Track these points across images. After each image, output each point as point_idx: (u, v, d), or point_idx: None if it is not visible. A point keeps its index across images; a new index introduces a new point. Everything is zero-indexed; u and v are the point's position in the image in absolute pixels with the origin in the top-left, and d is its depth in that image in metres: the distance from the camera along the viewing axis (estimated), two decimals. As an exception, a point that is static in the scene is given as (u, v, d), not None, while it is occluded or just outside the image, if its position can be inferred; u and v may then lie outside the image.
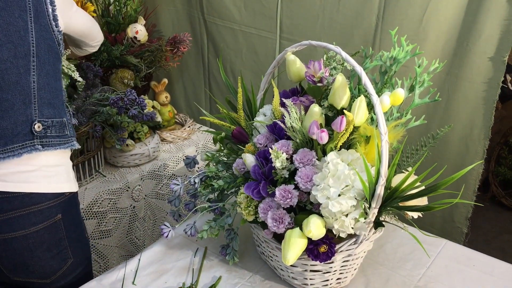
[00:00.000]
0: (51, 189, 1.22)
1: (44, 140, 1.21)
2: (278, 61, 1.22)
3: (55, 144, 1.23)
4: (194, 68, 2.41)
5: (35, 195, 1.19)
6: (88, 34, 1.48)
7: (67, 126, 1.27)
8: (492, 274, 1.21)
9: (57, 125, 1.24)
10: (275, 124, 1.12)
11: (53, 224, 1.24)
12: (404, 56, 1.15)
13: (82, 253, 1.35)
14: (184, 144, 2.08)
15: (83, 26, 1.43)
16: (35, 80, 1.18)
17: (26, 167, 1.19)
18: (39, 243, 1.22)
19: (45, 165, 1.22)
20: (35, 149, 1.19)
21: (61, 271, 1.29)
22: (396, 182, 0.99)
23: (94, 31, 1.50)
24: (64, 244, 1.27)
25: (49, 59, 1.21)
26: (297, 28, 1.90)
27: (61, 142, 1.25)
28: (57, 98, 1.25)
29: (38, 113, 1.19)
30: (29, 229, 1.20)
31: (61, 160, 1.27)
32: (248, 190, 1.07)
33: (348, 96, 1.07)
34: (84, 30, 1.44)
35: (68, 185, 1.27)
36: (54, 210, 1.23)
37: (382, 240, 1.32)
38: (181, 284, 1.17)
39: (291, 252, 0.99)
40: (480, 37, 1.48)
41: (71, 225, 1.29)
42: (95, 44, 1.55)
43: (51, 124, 1.22)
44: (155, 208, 1.95)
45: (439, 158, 1.66)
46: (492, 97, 1.53)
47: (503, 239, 2.62)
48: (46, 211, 1.22)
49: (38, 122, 1.19)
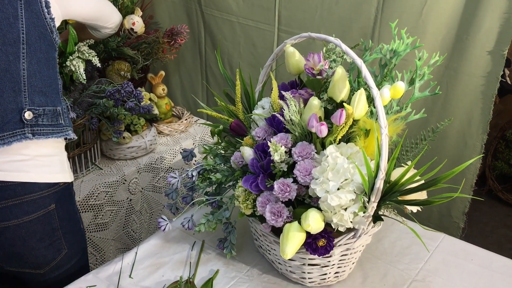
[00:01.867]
0: (44, 179, 1.21)
1: (35, 129, 1.19)
2: (277, 54, 1.21)
3: (47, 133, 1.21)
4: (191, 61, 2.39)
5: (28, 184, 1.18)
6: (99, 18, 1.45)
7: (62, 115, 1.25)
8: (490, 268, 1.21)
9: (50, 113, 1.22)
10: (274, 117, 1.11)
11: (46, 214, 1.23)
12: (404, 49, 1.14)
13: (77, 244, 1.35)
14: (181, 137, 2.07)
15: (90, 11, 1.40)
16: (25, 68, 1.16)
17: (19, 156, 1.18)
18: (32, 233, 1.22)
19: (38, 154, 1.21)
20: (25, 137, 1.17)
21: (54, 261, 1.28)
22: (396, 176, 0.99)
23: (105, 13, 1.47)
24: (58, 234, 1.27)
25: (40, 47, 1.19)
26: (295, 20, 1.89)
27: (54, 131, 1.23)
28: (50, 86, 1.22)
29: (28, 101, 1.18)
30: (22, 218, 1.19)
31: (55, 150, 1.26)
32: (246, 183, 1.06)
33: (348, 89, 1.07)
34: (91, 14, 1.41)
35: (62, 175, 1.26)
36: (47, 200, 1.22)
37: (380, 234, 1.32)
38: (178, 278, 1.17)
39: (289, 246, 0.99)
40: (479, 31, 1.47)
41: (65, 216, 1.29)
42: (110, 26, 1.51)
43: (42, 112, 1.20)
44: (152, 201, 1.95)
45: (437, 153, 1.65)
46: (491, 91, 1.53)
47: (499, 233, 2.63)
48: (40, 200, 1.21)
49: (28, 110, 1.17)
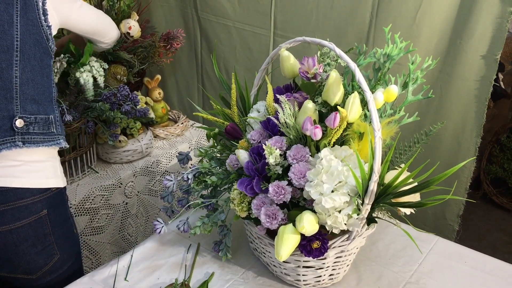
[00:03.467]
0: (36, 184, 1.21)
1: (26, 137, 1.18)
2: (272, 57, 1.22)
3: (37, 141, 1.20)
4: (187, 65, 2.40)
5: (20, 190, 1.18)
6: (96, 32, 1.44)
7: (54, 123, 1.25)
8: (483, 271, 1.22)
9: (41, 121, 1.21)
10: (269, 120, 1.12)
11: (38, 220, 1.23)
12: (397, 53, 1.15)
13: (69, 249, 1.34)
14: (177, 140, 2.08)
15: (88, 23, 1.39)
16: (18, 75, 1.16)
17: (10, 162, 1.18)
18: (24, 238, 1.21)
19: (30, 160, 1.20)
20: (15, 145, 1.17)
21: (47, 267, 1.28)
22: (389, 179, 1.00)
23: (103, 28, 1.46)
24: (50, 240, 1.26)
25: (35, 54, 1.19)
26: (291, 25, 1.90)
27: (45, 140, 1.22)
28: (43, 94, 1.22)
29: (20, 109, 1.17)
30: (14, 224, 1.19)
31: (47, 155, 1.25)
32: (242, 186, 1.07)
33: (342, 93, 1.08)
34: (89, 27, 1.40)
35: (55, 181, 1.26)
36: (39, 205, 1.22)
37: (375, 236, 1.33)
38: (173, 280, 1.17)
39: (284, 248, 0.99)
40: (473, 35, 1.49)
41: (58, 221, 1.28)
42: (107, 41, 1.51)
43: (34, 120, 1.19)
44: (148, 205, 1.95)
45: (431, 156, 1.66)
46: (484, 95, 1.54)
47: (493, 236, 2.64)
48: (31, 206, 1.20)
49: (19, 118, 1.17)
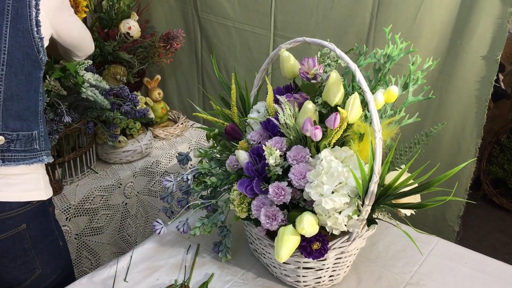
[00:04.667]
0: (15, 198, 1.17)
1: (6, 154, 1.14)
2: (272, 58, 1.21)
3: (17, 159, 1.16)
4: (187, 65, 2.40)
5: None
6: (78, 45, 1.37)
7: (37, 139, 1.19)
8: (484, 272, 1.22)
9: (23, 138, 1.16)
10: (269, 121, 1.11)
11: (17, 235, 1.19)
12: (398, 53, 1.14)
13: (54, 263, 1.30)
14: (177, 141, 2.07)
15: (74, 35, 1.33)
16: (2, 90, 1.11)
17: None
18: (2, 253, 1.19)
19: (10, 173, 1.16)
20: None
21: (27, 281, 1.24)
22: (390, 180, 0.99)
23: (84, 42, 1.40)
24: (30, 254, 1.23)
25: (23, 68, 1.13)
26: (291, 25, 1.90)
27: (26, 157, 1.17)
28: (28, 109, 1.16)
29: (1, 125, 1.12)
30: None
31: (29, 169, 1.20)
32: (241, 187, 1.07)
33: (342, 93, 1.07)
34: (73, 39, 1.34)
35: (36, 193, 1.21)
36: (18, 219, 1.18)
37: (375, 237, 1.33)
38: (173, 281, 1.16)
39: (284, 249, 0.99)
40: (473, 36, 1.49)
41: (39, 235, 1.24)
42: (81, 55, 1.44)
43: (16, 137, 1.15)
44: (147, 205, 1.94)
45: (432, 157, 1.66)
46: (485, 95, 1.54)
47: (494, 237, 2.64)
48: (9, 221, 1.17)
49: (0, 135, 1.12)
